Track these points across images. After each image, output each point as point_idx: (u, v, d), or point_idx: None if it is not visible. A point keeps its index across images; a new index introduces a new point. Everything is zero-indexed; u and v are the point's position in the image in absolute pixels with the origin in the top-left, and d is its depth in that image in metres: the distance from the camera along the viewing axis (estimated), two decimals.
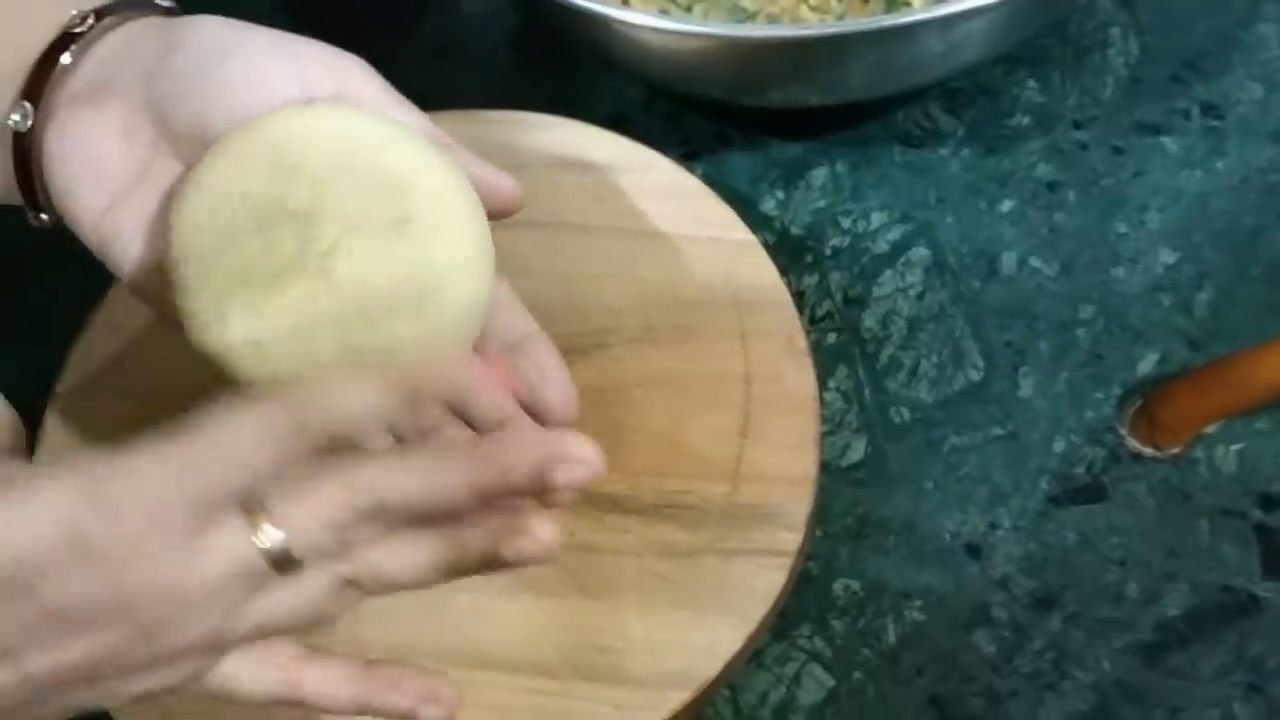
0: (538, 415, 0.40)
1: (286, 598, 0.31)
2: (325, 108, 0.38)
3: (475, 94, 0.56)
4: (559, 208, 0.52)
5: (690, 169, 0.54)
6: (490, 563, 0.32)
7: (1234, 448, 0.48)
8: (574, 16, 0.51)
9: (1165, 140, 0.57)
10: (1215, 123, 0.57)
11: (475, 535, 0.32)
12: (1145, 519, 0.48)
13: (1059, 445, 0.49)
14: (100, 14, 0.39)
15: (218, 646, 0.32)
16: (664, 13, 0.59)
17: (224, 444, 0.29)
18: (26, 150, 0.39)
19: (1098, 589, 0.46)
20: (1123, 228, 0.54)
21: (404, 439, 0.35)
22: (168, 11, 0.41)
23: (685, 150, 0.58)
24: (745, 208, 0.54)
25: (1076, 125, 0.57)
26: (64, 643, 0.29)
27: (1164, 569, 0.47)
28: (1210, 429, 0.48)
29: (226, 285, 0.37)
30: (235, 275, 0.37)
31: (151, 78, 0.38)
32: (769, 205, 0.56)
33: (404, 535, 0.32)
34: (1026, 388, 0.51)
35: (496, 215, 0.39)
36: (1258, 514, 0.47)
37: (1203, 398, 0.47)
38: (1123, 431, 0.49)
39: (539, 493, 0.31)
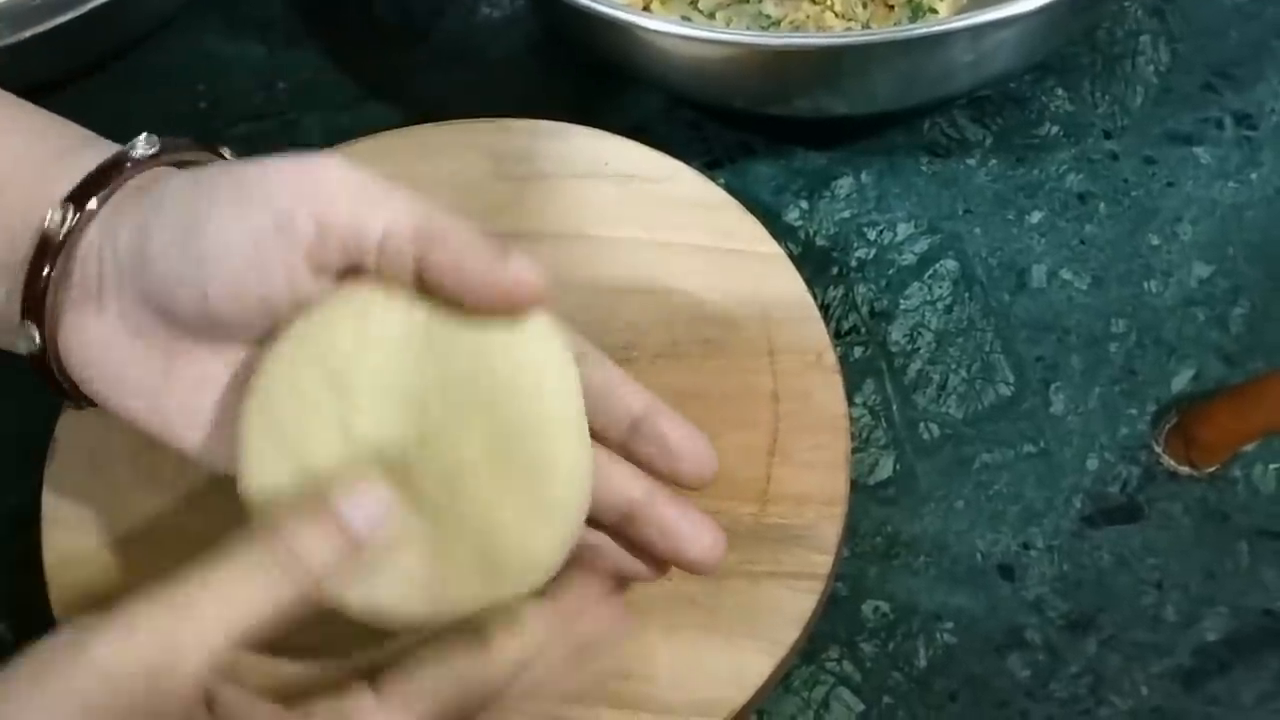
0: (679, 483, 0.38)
1: None
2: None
3: (494, 101, 0.54)
4: (580, 218, 0.51)
5: (713, 178, 0.53)
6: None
7: (1273, 466, 0.47)
8: (595, 23, 0.50)
9: (1197, 150, 0.55)
10: (1249, 133, 0.56)
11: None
12: (1182, 540, 0.47)
13: (1092, 463, 0.48)
14: (77, 198, 0.35)
15: None
16: (686, 20, 0.58)
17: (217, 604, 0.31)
18: (46, 364, 0.36)
19: (1134, 612, 0.45)
20: (1155, 240, 0.53)
21: None
22: (153, 158, 0.37)
23: (708, 159, 0.57)
24: (769, 218, 0.53)
25: (1107, 135, 0.56)
26: None
27: (1202, 592, 0.46)
28: (1248, 447, 0.47)
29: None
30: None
31: (136, 271, 0.35)
32: (793, 215, 0.55)
33: None
34: (1058, 404, 0.50)
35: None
36: None
37: (1242, 416, 0.45)
38: (1158, 449, 0.48)
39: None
